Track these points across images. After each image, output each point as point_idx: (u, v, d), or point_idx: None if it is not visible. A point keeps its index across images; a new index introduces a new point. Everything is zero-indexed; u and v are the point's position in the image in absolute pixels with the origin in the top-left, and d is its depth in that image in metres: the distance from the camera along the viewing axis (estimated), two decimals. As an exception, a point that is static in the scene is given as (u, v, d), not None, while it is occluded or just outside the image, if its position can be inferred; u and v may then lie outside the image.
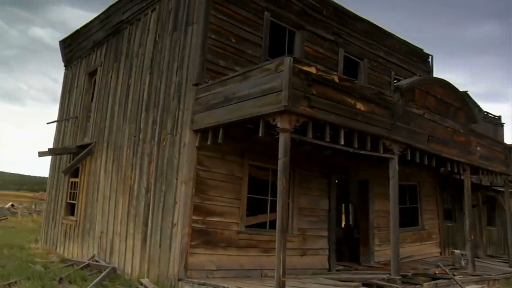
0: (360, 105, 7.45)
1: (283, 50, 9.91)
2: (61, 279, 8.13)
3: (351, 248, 12.15)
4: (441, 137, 9.63)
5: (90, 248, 10.77)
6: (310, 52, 10.36)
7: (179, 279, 7.43)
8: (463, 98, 10.98)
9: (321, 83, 6.71)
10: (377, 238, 11.29)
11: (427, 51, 14.63)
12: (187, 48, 8.58)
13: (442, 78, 10.67)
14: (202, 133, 7.86)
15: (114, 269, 8.79)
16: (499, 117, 19.21)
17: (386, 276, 7.73)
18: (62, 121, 14.23)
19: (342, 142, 7.09)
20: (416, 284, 8.01)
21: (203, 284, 7.00)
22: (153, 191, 8.73)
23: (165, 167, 8.53)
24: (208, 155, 8.13)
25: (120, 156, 10.32)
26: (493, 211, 16.80)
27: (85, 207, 11.51)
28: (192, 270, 7.63)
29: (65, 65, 15.06)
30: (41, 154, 12.30)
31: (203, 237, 7.89)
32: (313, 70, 6.59)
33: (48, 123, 14.18)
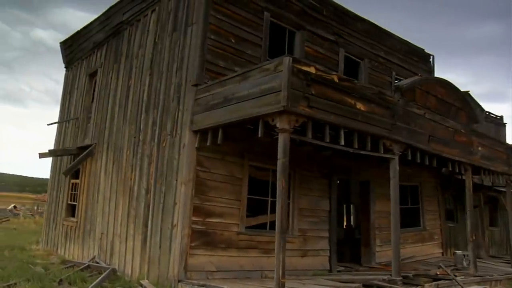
0: (360, 105, 7.41)
1: (283, 50, 9.87)
2: (61, 281, 8.11)
3: (352, 249, 12.12)
4: (442, 137, 9.57)
5: (91, 249, 10.75)
6: (310, 52, 10.33)
7: (179, 280, 7.40)
8: (464, 98, 10.94)
9: (321, 83, 6.68)
10: (378, 238, 11.24)
11: (428, 51, 14.57)
12: (186, 49, 8.56)
13: (443, 78, 10.62)
14: (201, 134, 7.84)
15: (114, 271, 8.77)
16: (501, 117, 19.13)
17: (387, 277, 7.69)
18: (62, 122, 14.23)
19: (342, 143, 7.05)
20: (417, 285, 7.97)
21: (202, 286, 6.96)
22: (153, 192, 8.71)
23: (165, 168, 8.50)
24: (208, 156, 8.11)
25: (120, 157, 10.31)
26: (495, 211, 16.73)
27: (85, 209, 11.50)
28: (192, 271, 7.60)
29: (66, 67, 15.07)
30: (41, 156, 12.31)
31: (203, 238, 7.86)
32: (312, 70, 6.56)
33: (49, 124, 14.20)
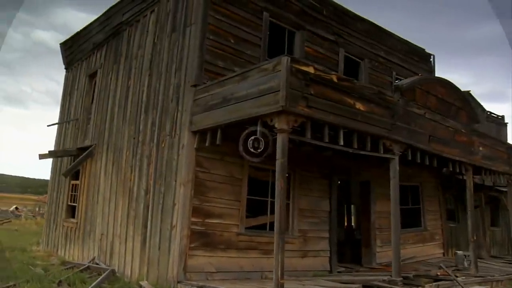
0: (359, 105, 7.38)
1: (282, 50, 9.85)
2: (60, 282, 8.09)
3: (353, 250, 12.09)
4: (443, 137, 9.53)
5: (91, 250, 10.73)
6: (310, 52, 10.30)
7: (178, 281, 7.37)
8: (464, 97, 10.89)
9: (320, 83, 6.65)
10: (379, 239, 11.20)
11: (429, 51, 14.53)
12: (185, 49, 8.55)
13: (444, 77, 10.58)
14: (200, 134, 7.81)
15: (113, 272, 8.76)
16: (502, 117, 19.07)
17: (387, 278, 7.66)
18: (62, 123, 14.23)
19: (341, 143, 7.02)
20: (417, 286, 7.92)
21: (202, 287, 6.92)
22: (152, 193, 8.69)
23: (164, 169, 8.48)
24: (207, 156, 8.08)
25: (119, 158, 10.29)
26: (496, 211, 16.67)
27: (85, 209, 11.49)
28: (191, 272, 7.58)
29: (66, 68, 15.06)
30: (41, 157, 12.30)
31: (202, 239, 7.83)
32: (311, 70, 6.53)
33: (49, 125, 14.19)
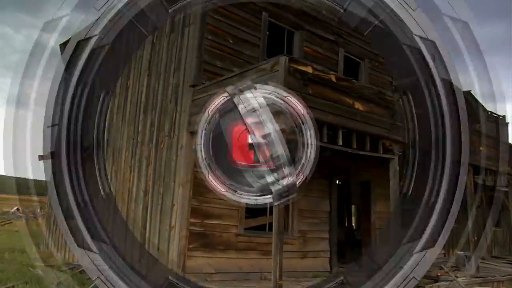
0: (358, 105, 7.35)
1: (281, 50, 9.82)
2: (59, 283, 8.06)
3: (353, 250, 12.03)
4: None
5: (90, 251, 10.70)
6: (309, 52, 10.27)
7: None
8: (465, 97, 10.83)
9: (318, 83, 6.63)
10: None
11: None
12: (184, 50, 8.53)
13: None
14: (199, 134, 7.78)
15: (112, 273, 8.73)
16: (504, 117, 18.94)
17: (387, 279, 7.61)
18: (62, 124, 14.22)
19: (340, 143, 6.99)
20: (417, 286, 7.87)
21: (200, 288, 6.92)
22: (151, 193, 8.67)
23: (162, 170, 8.46)
24: (206, 157, 8.05)
25: (119, 158, 10.27)
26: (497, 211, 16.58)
27: (85, 211, 11.46)
28: (190, 273, 7.55)
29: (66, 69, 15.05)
30: (41, 158, 12.25)
31: (201, 240, 7.81)
32: (309, 70, 6.51)
33: (49, 126, 14.15)
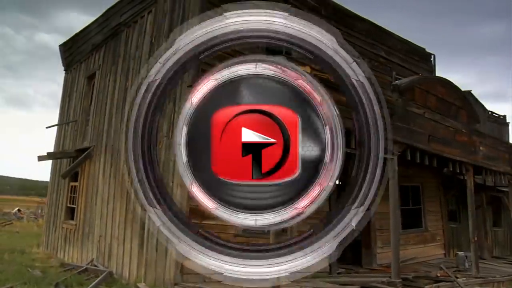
0: (357, 105, 7.30)
1: (280, 50, 9.77)
2: (57, 284, 8.05)
3: (353, 251, 11.97)
4: (443, 136, 9.45)
5: (89, 252, 10.70)
6: (308, 52, 10.23)
7: (175, 284, 7.33)
8: (464, 97, 10.81)
9: (316, 83, 6.59)
10: (379, 240, 11.11)
11: (432, 51, 14.48)
12: (182, 50, 8.49)
13: (444, 77, 10.51)
14: (197, 135, 7.75)
15: (110, 274, 8.71)
16: (504, 117, 18.91)
17: (386, 279, 7.60)
18: (61, 125, 14.21)
19: (338, 143, 6.95)
20: (417, 287, 7.85)
21: (198, 289, 6.89)
22: (149, 194, 8.62)
23: (161, 170, 8.40)
24: (204, 157, 8.01)
25: (118, 159, 10.23)
26: (498, 212, 16.50)
27: (84, 211, 11.45)
28: (188, 275, 7.51)
29: (65, 69, 15.05)
30: (40, 159, 12.26)
31: (199, 240, 7.76)
32: (307, 70, 6.45)
33: (48, 127, 14.18)
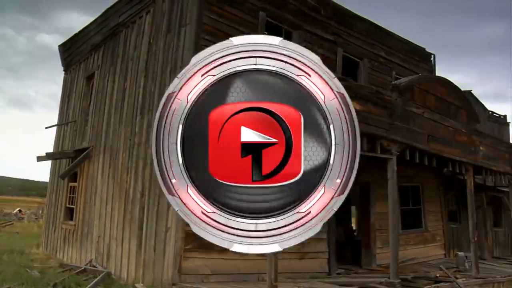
0: (355, 104, 7.14)
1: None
2: (55, 285, 8.03)
3: (353, 251, 11.95)
4: (442, 136, 9.41)
5: (88, 252, 10.67)
6: (307, 52, 10.19)
7: (173, 284, 7.30)
8: (464, 97, 10.76)
9: (314, 83, 6.56)
10: (379, 240, 11.06)
11: (433, 51, 14.44)
12: (180, 50, 8.48)
13: (443, 77, 10.47)
14: (195, 135, 7.72)
15: (108, 274, 8.69)
16: (505, 117, 18.86)
17: (385, 280, 7.56)
18: (60, 125, 14.19)
19: (337, 143, 6.91)
20: (416, 287, 7.81)
21: (196, 289, 6.86)
22: (147, 195, 8.61)
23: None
24: (202, 157, 7.98)
25: (116, 159, 10.23)
26: (499, 212, 16.44)
27: (83, 212, 11.43)
28: (186, 275, 7.49)
29: (65, 70, 15.04)
30: (39, 159, 12.24)
31: (197, 241, 7.68)
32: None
33: (47, 127, 14.16)
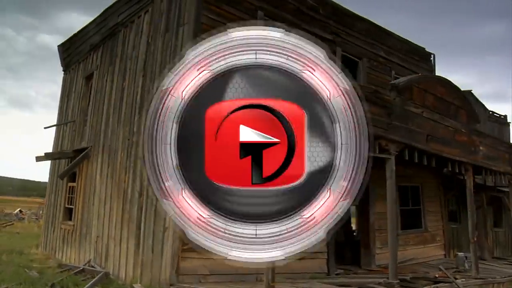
0: (353, 104, 7.23)
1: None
2: (53, 285, 8.01)
3: (353, 251, 11.91)
4: (442, 136, 9.37)
5: (87, 252, 10.65)
6: (306, 52, 10.17)
7: (171, 284, 7.27)
8: (464, 96, 10.72)
9: (312, 82, 6.53)
10: (378, 241, 11.02)
11: (433, 51, 14.40)
12: (178, 50, 8.44)
13: (443, 76, 10.43)
14: (193, 135, 7.70)
15: (106, 274, 8.66)
16: (505, 116, 18.81)
17: (383, 280, 7.51)
18: (60, 125, 14.17)
19: (335, 142, 6.88)
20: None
21: (193, 290, 6.83)
22: (145, 194, 8.58)
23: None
24: (200, 157, 7.96)
25: (114, 159, 10.20)
26: (499, 212, 16.38)
27: (82, 212, 11.41)
28: (184, 275, 7.46)
29: (64, 70, 15.03)
30: (38, 159, 12.23)
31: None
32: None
33: (46, 127, 14.15)
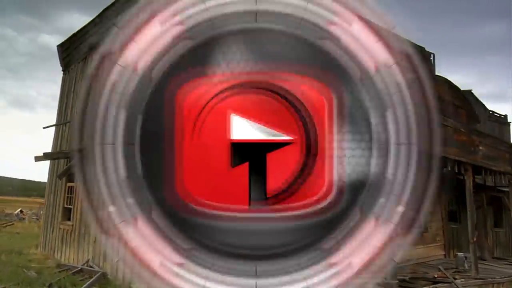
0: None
1: None
2: (50, 285, 8.00)
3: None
4: (441, 136, 9.33)
5: (86, 253, 10.63)
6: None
7: (168, 285, 7.24)
8: (463, 96, 10.69)
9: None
10: (377, 241, 10.98)
11: (433, 51, 14.35)
12: (176, 49, 8.42)
13: (443, 76, 10.40)
14: (191, 134, 7.68)
15: (104, 275, 8.65)
16: (505, 116, 18.77)
17: (382, 281, 7.48)
18: (59, 125, 14.15)
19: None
20: (414, 288, 7.75)
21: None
22: (144, 194, 8.55)
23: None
24: (199, 157, 7.94)
25: (113, 159, 10.17)
26: (499, 212, 16.35)
27: (81, 212, 11.39)
28: (182, 275, 7.43)
29: (63, 70, 15.01)
30: (37, 159, 12.19)
31: (193, 241, 7.69)
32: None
33: (45, 127, 14.13)
